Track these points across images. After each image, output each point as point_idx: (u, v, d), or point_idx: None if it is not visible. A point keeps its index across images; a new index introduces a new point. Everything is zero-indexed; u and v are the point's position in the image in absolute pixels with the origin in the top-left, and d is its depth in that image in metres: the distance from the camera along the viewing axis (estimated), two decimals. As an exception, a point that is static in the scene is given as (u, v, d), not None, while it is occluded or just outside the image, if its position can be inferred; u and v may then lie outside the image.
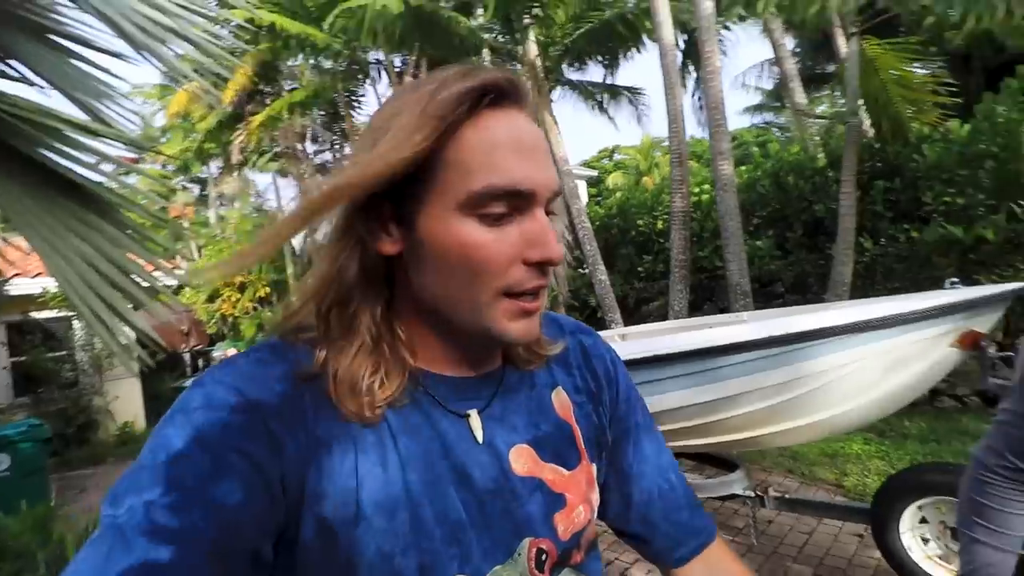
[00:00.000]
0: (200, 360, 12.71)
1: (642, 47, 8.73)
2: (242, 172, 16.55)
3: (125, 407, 9.10)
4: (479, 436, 0.51)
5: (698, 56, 6.40)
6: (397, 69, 10.38)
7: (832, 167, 5.78)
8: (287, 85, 11.99)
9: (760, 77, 12.94)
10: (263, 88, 11.81)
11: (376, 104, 12.12)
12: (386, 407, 0.47)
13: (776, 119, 16.42)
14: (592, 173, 17.97)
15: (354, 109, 11.85)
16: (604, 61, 9.47)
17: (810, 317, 2.26)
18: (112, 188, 1.92)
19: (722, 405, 2.37)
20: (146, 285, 1.88)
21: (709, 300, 6.91)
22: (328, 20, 8.22)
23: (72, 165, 1.75)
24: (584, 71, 9.74)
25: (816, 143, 6.67)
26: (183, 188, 21.28)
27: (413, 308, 0.50)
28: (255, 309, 14.24)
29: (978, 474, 0.90)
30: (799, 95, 8.68)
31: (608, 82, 10.34)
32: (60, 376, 8.31)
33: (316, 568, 0.43)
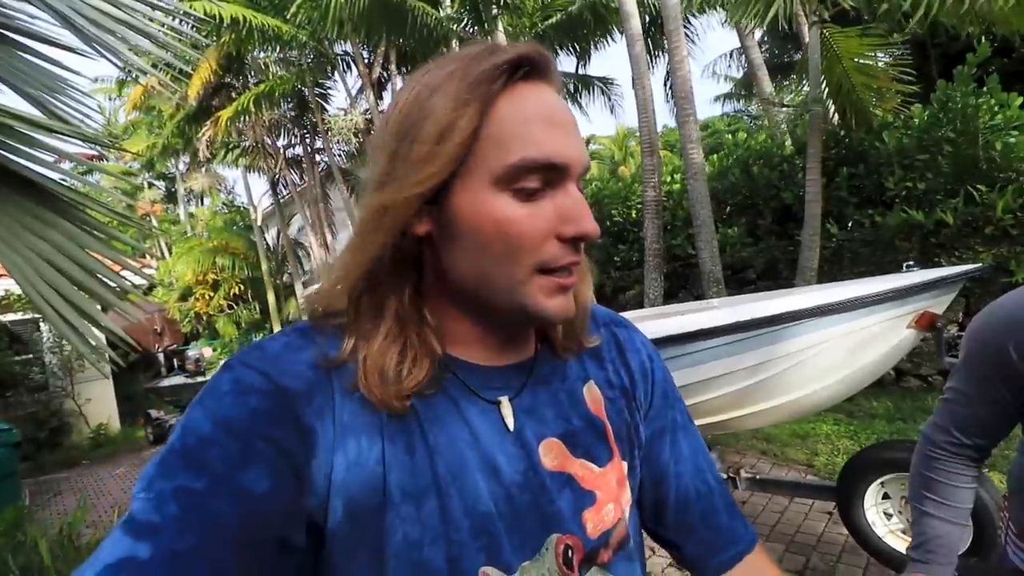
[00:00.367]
0: (175, 359, 12.45)
1: (612, 38, 8.76)
2: (210, 167, 16.13)
3: (98, 409, 8.88)
4: (510, 424, 0.49)
5: (666, 44, 6.44)
6: (366, 60, 10.21)
7: (799, 154, 5.89)
8: (254, 78, 11.69)
9: (730, 66, 13.12)
10: (229, 81, 11.50)
11: (345, 97, 11.91)
12: (414, 394, 0.46)
13: (746, 108, 16.67)
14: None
15: (323, 100, 11.63)
16: (575, 51, 9.48)
17: (777, 302, 2.32)
18: (71, 186, 1.86)
19: (696, 389, 2.42)
20: (113, 285, 1.83)
21: (683, 288, 7.01)
22: (291, 10, 8.05)
23: (26, 163, 1.69)
24: (555, 62, 9.73)
25: (783, 131, 6.78)
26: (149, 185, 20.65)
27: (443, 291, 0.49)
28: (230, 307, 13.98)
29: (927, 450, 0.94)
30: (766, 84, 8.82)
31: (580, 72, 10.36)
32: (29, 379, 8.07)
33: (344, 555, 0.43)
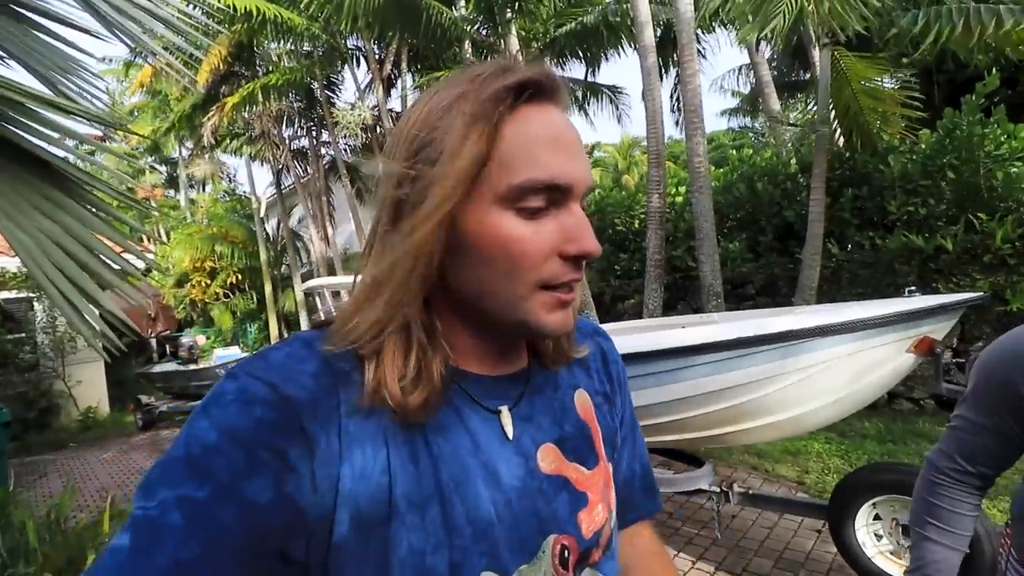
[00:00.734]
0: (167, 346, 12.40)
1: (623, 49, 8.80)
2: (213, 155, 16.09)
3: (88, 392, 8.83)
4: (510, 433, 0.51)
5: (677, 58, 6.48)
6: (377, 56, 10.22)
7: (803, 173, 5.93)
8: (263, 68, 11.69)
9: (738, 81, 13.18)
10: (239, 70, 11.49)
11: (354, 91, 11.91)
12: (431, 406, 0.46)
13: (751, 124, 16.75)
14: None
15: (332, 93, 11.63)
16: (585, 59, 9.51)
17: (780, 319, 2.33)
18: (79, 166, 1.86)
19: (696, 402, 2.43)
20: (116, 267, 1.82)
21: (682, 299, 7.03)
22: (305, 1, 8.05)
23: (38, 141, 1.69)
24: (565, 68, 9.77)
25: (788, 149, 6.82)
26: (151, 169, 20.60)
27: (445, 303, 0.50)
28: (226, 296, 13.92)
29: (931, 476, 0.95)
30: (774, 101, 8.87)
31: (589, 80, 10.39)
32: (20, 359, 8.02)
33: (349, 566, 0.43)
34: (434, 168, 0.44)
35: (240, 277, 14.03)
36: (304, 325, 12.72)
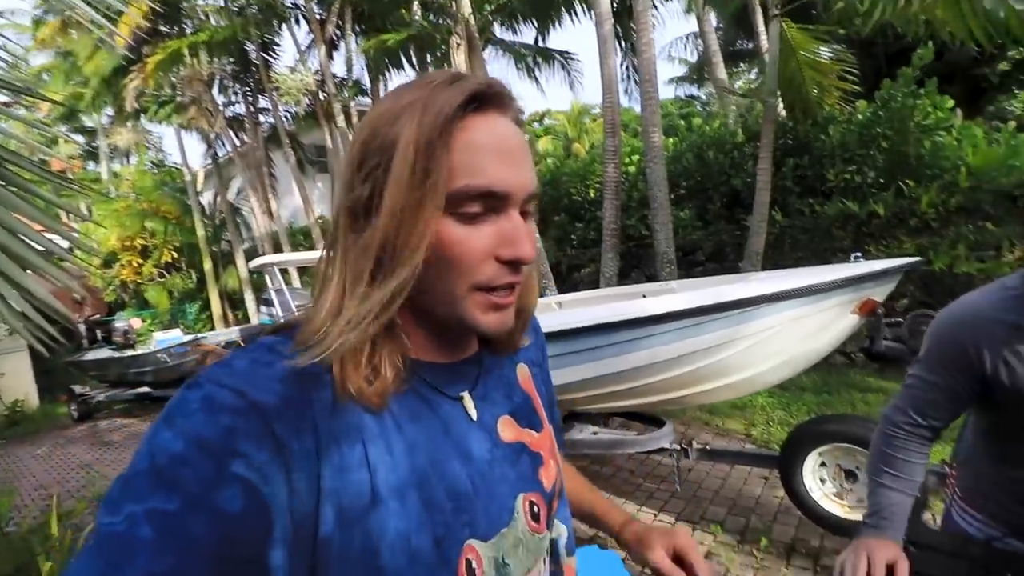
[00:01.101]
0: (97, 331, 11.58)
1: (575, 15, 8.69)
2: (138, 122, 14.86)
3: (14, 384, 8.24)
4: (473, 415, 0.56)
5: (628, 26, 6.47)
6: (319, 16, 9.65)
7: (750, 142, 6.14)
8: (191, 27, 10.80)
9: (685, 50, 13.35)
10: (163, 29, 10.57)
11: (294, 54, 11.21)
12: (387, 396, 0.49)
13: (698, 92, 17.06)
14: (522, 137, 17.85)
15: (269, 56, 10.91)
16: (537, 23, 9.34)
17: (735, 287, 2.45)
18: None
19: (658, 368, 2.54)
20: (40, 248, 1.67)
21: (636, 267, 7.22)
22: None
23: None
24: (516, 32, 9.58)
25: (736, 119, 7.02)
26: (66, 139, 18.83)
27: (403, 301, 0.51)
28: (161, 275, 13.14)
29: (886, 429, 1.05)
30: (721, 71, 9.05)
31: (540, 45, 10.24)
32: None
33: (338, 559, 0.43)
34: (387, 175, 0.46)
35: (177, 255, 13.25)
36: (250, 303, 12.23)
